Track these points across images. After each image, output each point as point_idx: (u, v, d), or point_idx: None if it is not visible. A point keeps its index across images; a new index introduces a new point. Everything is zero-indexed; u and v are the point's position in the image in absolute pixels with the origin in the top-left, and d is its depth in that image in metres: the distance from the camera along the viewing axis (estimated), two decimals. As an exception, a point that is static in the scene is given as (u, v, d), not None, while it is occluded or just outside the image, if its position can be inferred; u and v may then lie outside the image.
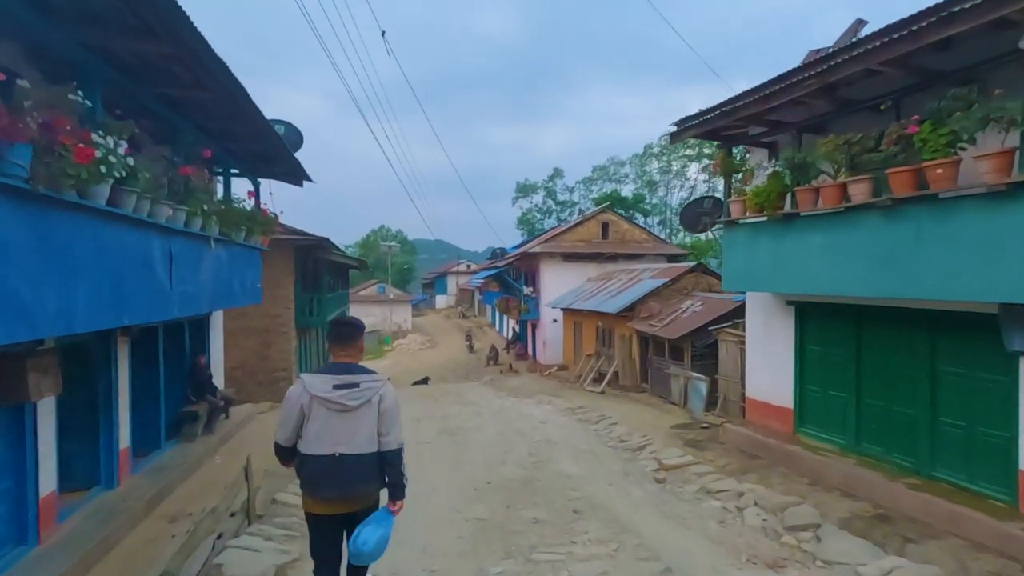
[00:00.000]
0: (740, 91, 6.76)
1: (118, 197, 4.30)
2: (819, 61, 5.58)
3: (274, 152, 9.10)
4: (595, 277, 20.42)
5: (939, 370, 6.02)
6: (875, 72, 5.31)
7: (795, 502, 6.02)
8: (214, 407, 8.56)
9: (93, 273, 4.06)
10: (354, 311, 49.64)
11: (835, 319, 7.28)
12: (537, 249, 22.01)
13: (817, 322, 7.67)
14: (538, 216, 60.75)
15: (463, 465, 7.89)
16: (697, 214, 8.46)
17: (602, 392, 14.53)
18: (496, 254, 26.89)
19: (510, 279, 23.28)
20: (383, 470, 3.07)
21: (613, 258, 21.99)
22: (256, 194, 9.88)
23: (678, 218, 9.31)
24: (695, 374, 11.36)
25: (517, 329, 30.12)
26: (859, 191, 5.63)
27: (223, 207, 7.28)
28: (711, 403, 10.85)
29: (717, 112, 7.17)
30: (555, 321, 22.18)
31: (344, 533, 3.14)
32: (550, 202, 61.06)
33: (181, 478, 7.06)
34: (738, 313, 11.62)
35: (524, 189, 61.68)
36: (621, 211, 23.92)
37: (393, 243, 49.16)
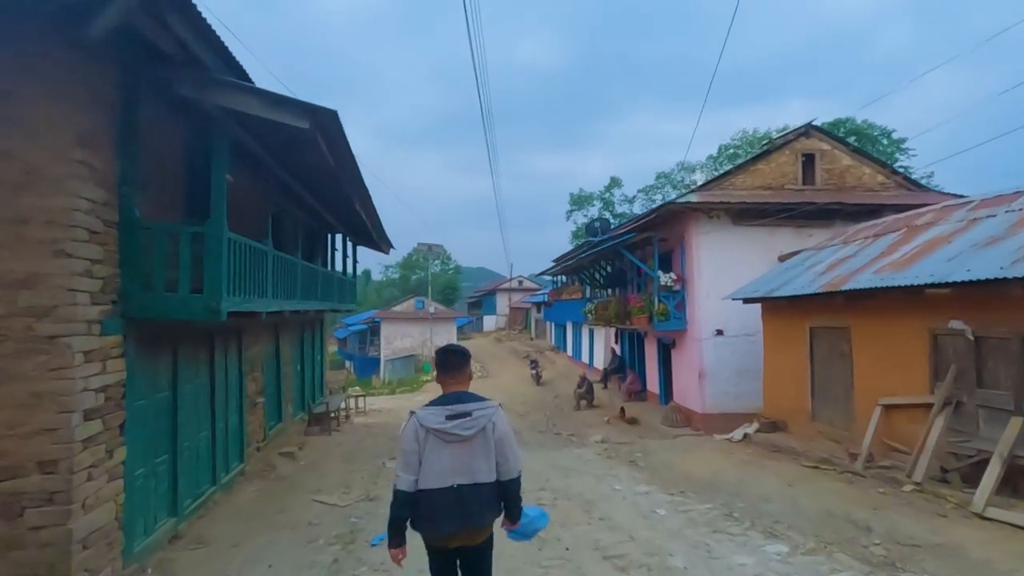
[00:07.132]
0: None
1: None
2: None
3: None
4: (832, 241, 10.26)
5: None
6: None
7: None
8: None
9: None
10: (386, 331, 40.23)
11: None
12: (694, 199, 11.96)
13: None
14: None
15: None
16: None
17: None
18: (593, 229, 16.98)
19: (633, 258, 13.25)
20: (500, 499, 2.99)
21: (826, 215, 11.83)
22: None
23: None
24: None
25: (618, 351, 19.90)
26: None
27: None
28: None
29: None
30: (719, 333, 12.13)
31: (459, 565, 3.05)
32: (607, 215, 52.91)
33: None
34: None
35: (579, 201, 54.69)
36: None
37: (435, 244, 39.74)
